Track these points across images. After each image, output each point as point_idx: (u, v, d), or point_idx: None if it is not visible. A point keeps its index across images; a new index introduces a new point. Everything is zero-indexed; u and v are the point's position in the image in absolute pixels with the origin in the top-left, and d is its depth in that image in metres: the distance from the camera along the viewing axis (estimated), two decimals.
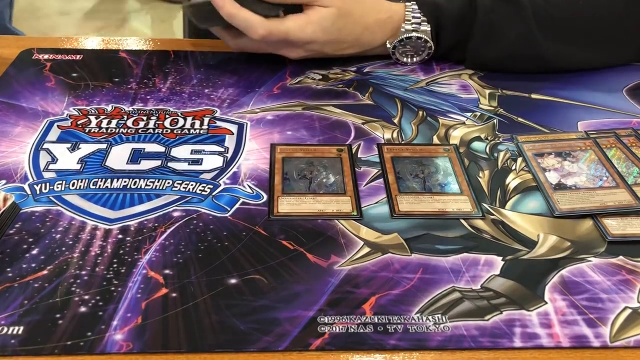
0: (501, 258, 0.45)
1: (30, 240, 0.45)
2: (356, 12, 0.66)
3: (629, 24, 0.69)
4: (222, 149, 0.56)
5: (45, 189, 0.50)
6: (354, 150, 0.56)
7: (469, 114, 0.62)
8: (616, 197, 0.50)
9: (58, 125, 0.58)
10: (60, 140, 0.57)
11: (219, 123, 0.60)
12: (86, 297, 0.41)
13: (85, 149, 0.55)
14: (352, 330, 0.39)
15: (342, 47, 0.68)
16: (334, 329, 0.40)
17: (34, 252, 0.44)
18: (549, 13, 0.66)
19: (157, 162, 0.54)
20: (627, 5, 0.67)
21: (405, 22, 0.67)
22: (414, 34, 0.67)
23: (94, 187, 0.51)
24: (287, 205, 0.49)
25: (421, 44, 0.69)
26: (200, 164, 0.54)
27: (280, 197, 0.50)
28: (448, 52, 0.70)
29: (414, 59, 0.70)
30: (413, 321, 0.40)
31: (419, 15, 0.67)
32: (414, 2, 0.67)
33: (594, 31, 0.68)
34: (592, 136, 0.58)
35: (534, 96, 0.66)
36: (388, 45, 0.69)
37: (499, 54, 0.68)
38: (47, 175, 0.52)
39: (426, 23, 0.67)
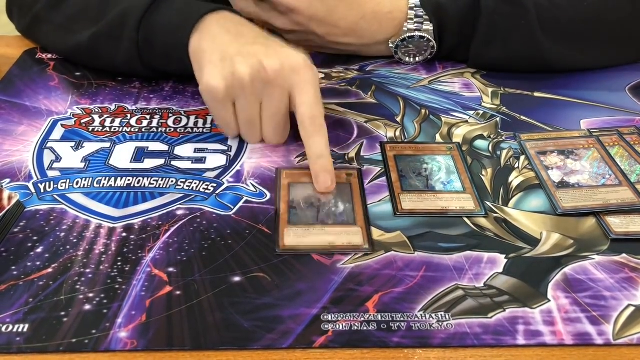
0: (504, 256, 0.45)
1: (35, 238, 0.46)
2: None
3: (633, 26, 0.69)
4: (225, 148, 0.56)
5: (49, 187, 0.51)
6: (356, 150, 0.56)
7: (471, 113, 0.62)
8: (619, 195, 0.50)
9: (62, 124, 0.59)
10: (64, 139, 0.57)
11: None
12: (91, 295, 0.41)
13: (89, 147, 0.56)
14: (356, 328, 0.40)
15: (335, 32, 0.67)
16: (337, 326, 0.40)
17: (39, 250, 0.45)
18: (553, 15, 0.66)
19: (161, 161, 0.54)
20: (631, 7, 0.67)
21: (408, 21, 0.67)
22: (416, 33, 0.67)
23: (98, 185, 0.51)
24: (294, 237, 0.47)
25: (424, 44, 0.69)
26: (204, 163, 0.54)
27: (286, 229, 0.47)
28: (450, 52, 0.70)
29: (417, 59, 0.70)
30: (416, 319, 0.40)
31: (421, 14, 0.67)
32: (417, 1, 0.67)
33: (597, 33, 0.68)
34: (595, 134, 0.58)
35: (536, 94, 0.66)
36: (390, 45, 0.69)
37: (501, 55, 0.68)
38: (51, 173, 0.52)
39: (429, 22, 0.67)
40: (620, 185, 0.51)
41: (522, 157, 0.56)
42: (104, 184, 0.51)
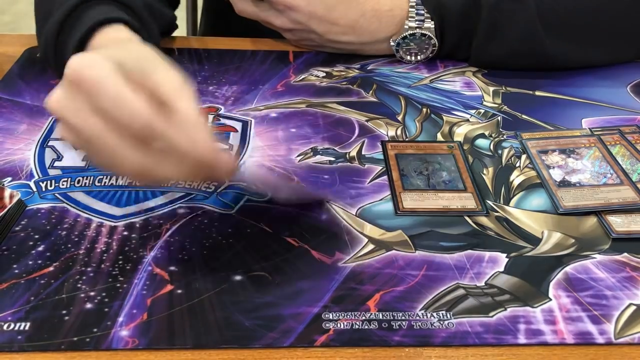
0: (505, 255, 0.45)
1: (36, 237, 0.46)
2: None
3: (633, 22, 0.69)
4: (227, 146, 0.56)
5: (50, 186, 0.51)
6: (357, 149, 0.56)
7: (472, 112, 0.62)
8: (620, 194, 0.50)
9: None
10: None
11: (223, 120, 0.60)
12: (92, 293, 0.41)
13: None
14: (357, 326, 0.40)
15: (334, 30, 0.67)
16: (338, 325, 0.40)
17: (40, 248, 0.45)
18: (553, 11, 0.66)
19: None
20: (631, 3, 0.67)
21: (409, 19, 0.67)
22: (417, 31, 0.67)
23: (99, 184, 0.51)
24: (410, 201, 0.50)
25: (425, 42, 0.69)
26: None
27: (402, 193, 0.50)
28: (452, 50, 0.70)
29: (418, 57, 0.70)
30: (417, 318, 0.40)
31: (422, 12, 0.67)
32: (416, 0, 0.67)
33: (598, 29, 0.68)
34: (597, 133, 0.58)
35: (538, 93, 0.66)
36: (392, 43, 0.69)
37: (502, 52, 0.68)
38: (52, 172, 0.52)
39: (430, 20, 0.67)
40: (622, 184, 0.51)
41: (524, 156, 0.56)
42: (105, 182, 0.51)
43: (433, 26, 0.67)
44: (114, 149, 0.38)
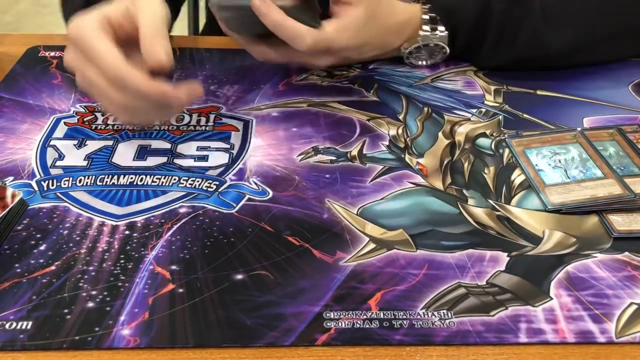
0: (506, 254, 0.45)
1: (38, 236, 0.46)
2: (380, 13, 0.63)
3: (637, 20, 0.68)
4: (228, 146, 0.56)
5: (52, 185, 0.51)
6: (358, 148, 0.56)
7: (474, 111, 0.62)
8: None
9: (65, 122, 0.59)
10: (66, 137, 0.57)
11: (224, 120, 0.60)
12: (94, 292, 0.41)
13: (92, 145, 0.56)
14: (358, 325, 0.40)
15: (365, 50, 0.65)
16: (339, 324, 0.40)
17: (42, 248, 0.45)
18: (557, 9, 0.66)
19: (164, 159, 0.54)
20: (634, 2, 0.67)
21: (423, 28, 0.66)
22: (431, 40, 0.67)
23: (100, 183, 0.51)
24: (557, 195, 0.50)
25: (436, 49, 0.68)
26: (206, 161, 0.54)
27: (546, 189, 0.50)
28: (459, 56, 0.70)
29: (428, 62, 0.70)
30: (419, 317, 0.40)
31: (437, 21, 0.66)
32: (429, 6, 0.66)
33: (601, 28, 0.68)
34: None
35: (539, 92, 0.66)
36: (403, 50, 0.68)
37: (508, 58, 0.67)
38: (54, 171, 0.52)
39: (443, 29, 0.66)
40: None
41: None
42: (106, 181, 0.51)
43: (446, 35, 0.66)
44: (103, 91, 0.50)
